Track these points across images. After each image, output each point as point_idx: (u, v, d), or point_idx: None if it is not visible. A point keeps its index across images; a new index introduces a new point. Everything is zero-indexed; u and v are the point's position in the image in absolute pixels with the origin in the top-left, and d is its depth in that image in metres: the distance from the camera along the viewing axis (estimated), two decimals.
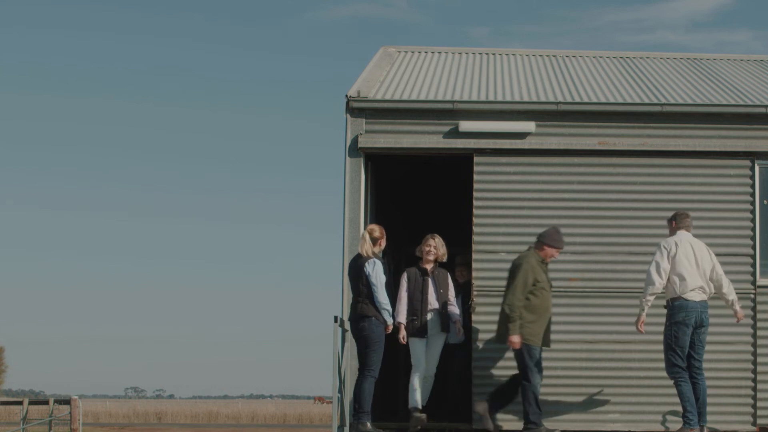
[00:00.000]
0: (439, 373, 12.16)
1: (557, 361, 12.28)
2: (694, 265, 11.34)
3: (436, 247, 11.97)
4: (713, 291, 11.47)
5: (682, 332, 11.28)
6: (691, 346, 11.34)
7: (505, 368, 12.23)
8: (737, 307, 11.57)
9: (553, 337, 12.30)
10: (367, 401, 11.31)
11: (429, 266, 11.98)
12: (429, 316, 11.83)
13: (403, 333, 11.73)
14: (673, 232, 11.60)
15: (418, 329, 11.80)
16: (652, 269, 11.33)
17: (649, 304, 11.36)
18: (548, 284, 11.68)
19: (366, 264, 11.41)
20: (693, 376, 11.36)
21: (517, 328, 11.39)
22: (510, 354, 12.26)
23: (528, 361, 11.49)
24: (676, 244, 11.39)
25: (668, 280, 11.34)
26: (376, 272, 11.37)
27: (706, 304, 11.40)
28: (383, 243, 11.67)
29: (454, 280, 12.44)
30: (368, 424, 11.24)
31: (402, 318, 11.79)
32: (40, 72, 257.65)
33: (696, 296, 11.32)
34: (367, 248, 11.47)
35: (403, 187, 16.04)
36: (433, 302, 11.86)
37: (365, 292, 11.41)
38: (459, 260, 12.93)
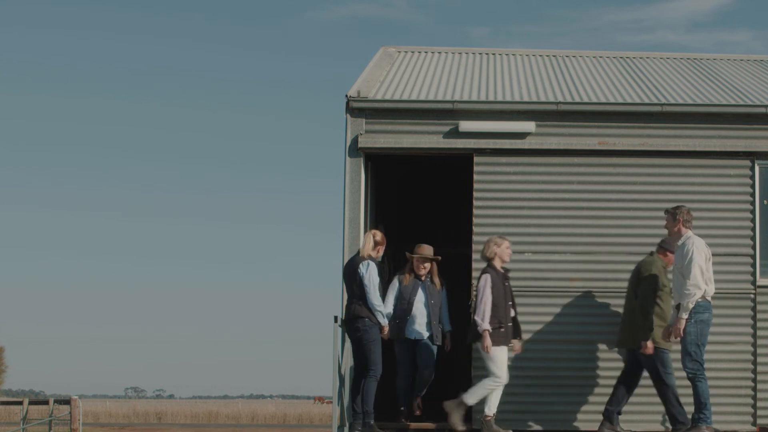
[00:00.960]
0: (445, 374, 12.16)
1: (557, 361, 12.28)
2: (710, 267, 11.35)
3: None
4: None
5: (706, 331, 11.27)
6: None
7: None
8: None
9: (552, 337, 12.32)
10: (371, 401, 11.35)
11: (502, 271, 11.70)
12: (510, 324, 11.60)
13: (488, 342, 11.31)
14: (677, 228, 11.45)
15: (503, 338, 11.51)
16: (698, 274, 11.13)
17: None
18: (670, 290, 11.67)
19: (360, 265, 11.44)
20: None
21: (650, 334, 11.42)
22: (510, 354, 12.26)
23: (662, 364, 11.52)
24: (706, 247, 11.35)
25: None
26: (370, 274, 11.39)
27: None
28: (382, 250, 11.71)
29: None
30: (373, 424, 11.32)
31: (488, 325, 11.33)
32: (40, 72, 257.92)
33: (710, 298, 11.35)
34: (366, 250, 11.50)
35: (402, 187, 16.03)
36: (512, 310, 11.65)
37: (358, 294, 11.44)
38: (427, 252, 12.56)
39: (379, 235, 11.64)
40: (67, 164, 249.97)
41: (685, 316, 11.16)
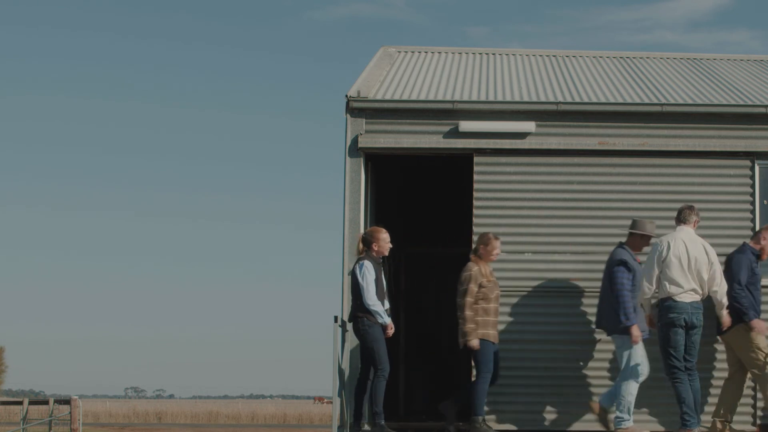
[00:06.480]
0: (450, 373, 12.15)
1: (557, 361, 12.27)
2: (686, 265, 11.32)
3: None
4: (707, 292, 11.45)
5: (673, 333, 11.28)
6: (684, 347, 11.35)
7: (506, 368, 12.22)
8: (724, 312, 11.51)
9: (554, 337, 12.31)
10: (380, 401, 11.34)
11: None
12: None
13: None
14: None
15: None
16: (644, 276, 11.48)
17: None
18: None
19: (355, 266, 11.48)
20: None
21: None
22: (510, 354, 12.27)
23: None
24: (669, 245, 11.39)
25: (659, 281, 11.38)
26: (363, 273, 11.40)
27: (698, 305, 11.39)
28: (380, 243, 11.65)
29: None
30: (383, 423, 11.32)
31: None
32: (40, 72, 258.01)
33: (687, 297, 11.31)
34: (359, 249, 11.54)
35: (402, 187, 16.03)
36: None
37: (356, 294, 11.47)
38: None
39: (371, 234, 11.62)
40: (68, 165, 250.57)
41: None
